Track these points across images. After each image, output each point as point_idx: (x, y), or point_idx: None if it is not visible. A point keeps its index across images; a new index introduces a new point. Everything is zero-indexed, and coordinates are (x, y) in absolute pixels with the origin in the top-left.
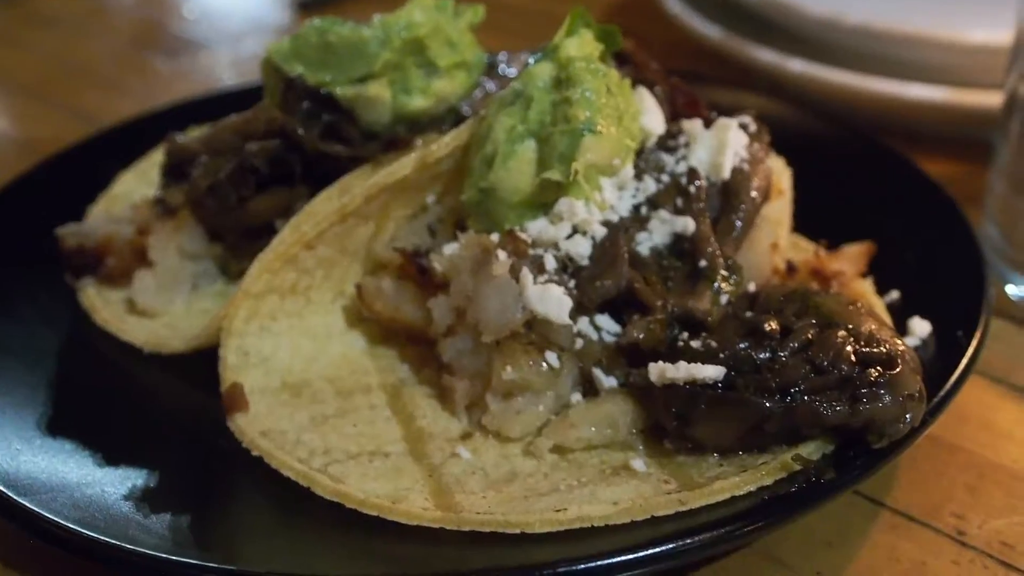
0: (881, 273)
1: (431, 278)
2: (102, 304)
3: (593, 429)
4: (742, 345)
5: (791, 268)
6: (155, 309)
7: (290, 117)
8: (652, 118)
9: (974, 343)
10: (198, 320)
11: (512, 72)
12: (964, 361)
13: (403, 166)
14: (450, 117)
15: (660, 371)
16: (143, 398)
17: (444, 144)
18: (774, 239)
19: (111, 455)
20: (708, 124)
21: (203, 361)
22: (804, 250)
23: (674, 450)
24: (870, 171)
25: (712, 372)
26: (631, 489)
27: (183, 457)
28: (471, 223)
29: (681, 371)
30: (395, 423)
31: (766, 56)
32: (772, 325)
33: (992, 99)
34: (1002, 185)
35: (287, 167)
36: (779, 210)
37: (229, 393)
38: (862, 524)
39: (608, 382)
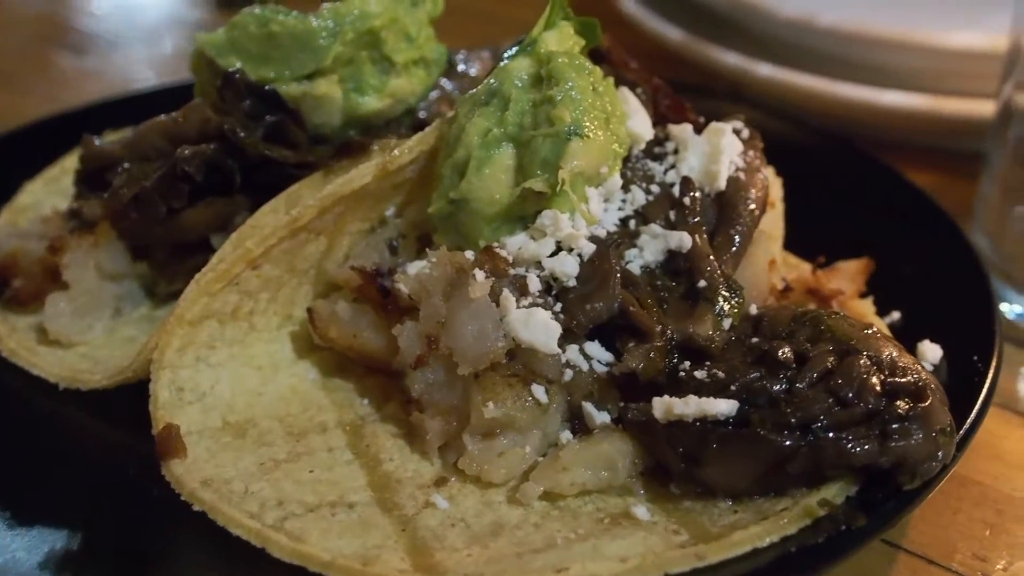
0: (878, 292)
1: (395, 301)
2: (7, 332)
3: (588, 472)
4: (753, 375)
5: (786, 287)
6: (71, 337)
7: (228, 117)
8: (639, 122)
9: (991, 370)
10: (121, 350)
11: (473, 71)
12: (984, 390)
13: (363, 174)
14: (407, 120)
15: (666, 407)
16: (59, 443)
17: (408, 148)
18: (771, 255)
19: (23, 515)
20: (698, 129)
21: (130, 398)
22: (793, 267)
23: (680, 495)
24: (855, 182)
25: (725, 407)
26: (638, 542)
27: (109, 514)
28: (439, 238)
29: (691, 406)
30: (358, 467)
31: (731, 60)
32: (786, 352)
33: (973, 107)
34: (996, 194)
35: (225, 174)
36: (772, 223)
37: (162, 436)
38: (879, 569)
39: (600, 417)
